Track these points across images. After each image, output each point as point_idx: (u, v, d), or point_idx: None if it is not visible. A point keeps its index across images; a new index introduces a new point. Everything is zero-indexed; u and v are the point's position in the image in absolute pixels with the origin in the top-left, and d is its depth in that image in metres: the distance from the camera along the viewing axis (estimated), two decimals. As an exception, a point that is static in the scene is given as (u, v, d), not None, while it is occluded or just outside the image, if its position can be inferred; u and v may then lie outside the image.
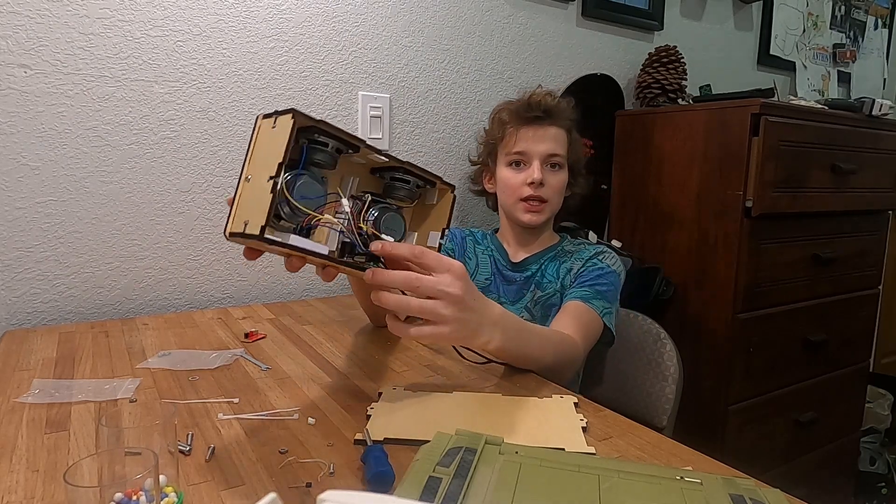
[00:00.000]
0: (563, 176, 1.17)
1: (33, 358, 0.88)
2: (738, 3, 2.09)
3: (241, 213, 0.61)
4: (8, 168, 1.05)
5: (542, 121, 1.14)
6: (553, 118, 1.15)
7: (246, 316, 1.15)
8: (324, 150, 0.64)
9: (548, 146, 1.13)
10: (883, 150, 1.64)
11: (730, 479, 0.52)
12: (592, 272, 1.10)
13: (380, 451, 0.56)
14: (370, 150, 0.67)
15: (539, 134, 1.14)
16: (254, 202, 0.59)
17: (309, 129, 0.62)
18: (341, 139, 0.64)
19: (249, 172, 0.63)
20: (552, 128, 1.15)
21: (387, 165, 0.72)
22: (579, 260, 1.14)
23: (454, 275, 0.65)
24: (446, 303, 0.64)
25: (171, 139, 1.18)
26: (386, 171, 0.73)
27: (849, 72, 2.51)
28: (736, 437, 1.48)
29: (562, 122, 1.16)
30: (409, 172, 0.72)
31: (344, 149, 0.65)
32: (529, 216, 1.14)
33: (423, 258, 0.64)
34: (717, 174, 1.43)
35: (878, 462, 2.12)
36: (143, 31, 1.13)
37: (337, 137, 0.64)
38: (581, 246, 1.19)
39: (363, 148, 0.66)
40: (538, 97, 1.15)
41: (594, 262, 1.12)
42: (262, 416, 0.69)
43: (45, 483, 0.54)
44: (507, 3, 1.57)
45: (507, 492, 0.49)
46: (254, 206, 0.58)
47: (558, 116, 1.15)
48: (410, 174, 0.72)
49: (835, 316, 1.65)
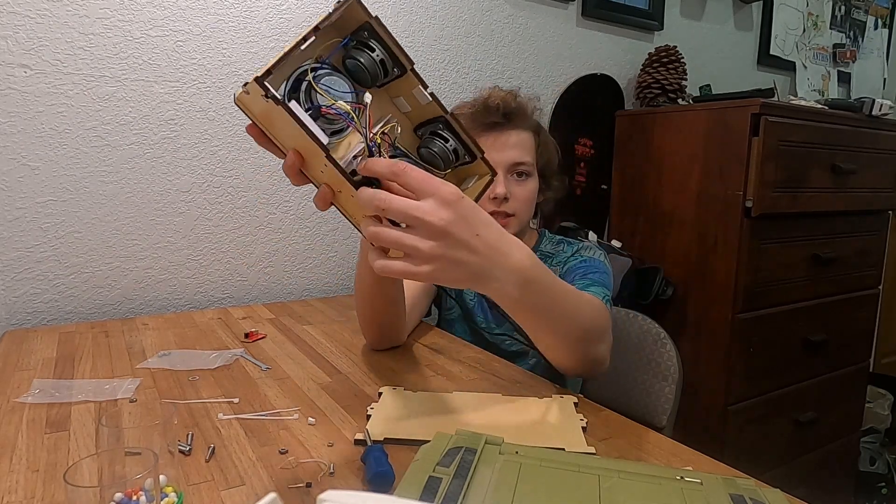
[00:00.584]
0: (532, 185, 1.05)
1: (33, 358, 0.88)
2: (738, 3, 2.09)
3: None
4: (8, 168, 1.05)
5: (503, 126, 1.02)
6: (515, 121, 1.03)
7: (246, 316, 1.15)
8: (368, 53, 0.56)
9: (511, 154, 1.02)
10: (883, 150, 1.64)
11: (730, 479, 0.52)
12: (578, 268, 1.02)
13: (380, 451, 0.56)
14: (417, 78, 0.58)
15: (501, 141, 1.02)
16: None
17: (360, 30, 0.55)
18: (390, 50, 0.56)
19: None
20: (514, 132, 1.03)
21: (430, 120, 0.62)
22: (560, 265, 1.06)
23: (439, 200, 0.52)
24: (423, 234, 0.52)
25: (171, 139, 1.18)
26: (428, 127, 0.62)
27: (849, 72, 2.51)
28: (736, 437, 1.48)
29: (526, 125, 1.05)
30: (452, 131, 0.61)
31: (389, 67, 0.57)
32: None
33: (403, 176, 0.52)
34: (717, 174, 1.43)
35: (878, 462, 2.12)
36: (143, 31, 1.13)
37: (386, 46, 0.56)
38: (560, 247, 1.11)
39: (410, 74, 0.58)
40: (496, 99, 1.02)
41: (576, 258, 1.05)
42: (262, 416, 0.69)
43: (45, 483, 0.54)
44: (507, 3, 1.57)
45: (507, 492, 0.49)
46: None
47: (521, 118, 1.03)
48: (454, 134, 0.61)
49: (835, 316, 1.65)
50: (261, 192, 1.29)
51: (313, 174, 0.55)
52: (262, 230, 1.31)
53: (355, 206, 0.54)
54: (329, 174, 0.53)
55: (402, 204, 0.51)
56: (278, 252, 1.33)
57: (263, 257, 1.32)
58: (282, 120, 0.51)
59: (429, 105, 0.60)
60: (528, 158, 1.04)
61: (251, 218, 1.29)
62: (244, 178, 1.27)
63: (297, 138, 0.52)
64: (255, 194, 1.29)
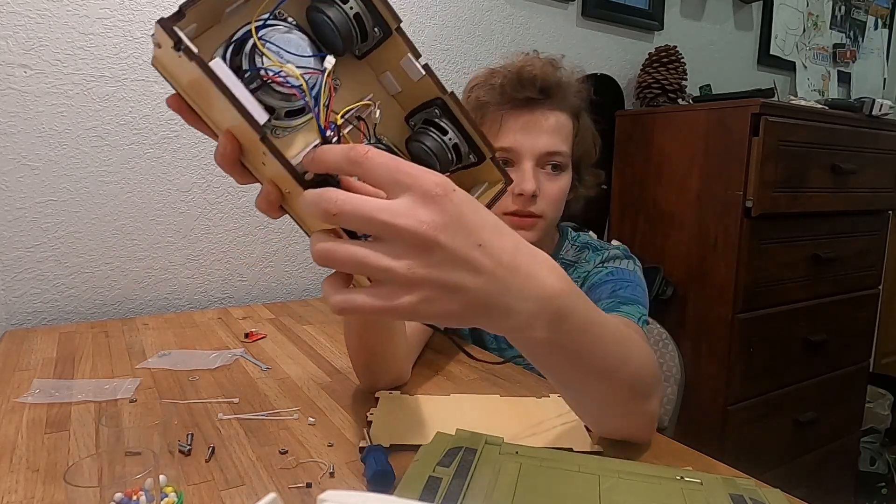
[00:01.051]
0: (565, 180, 0.87)
1: (33, 358, 0.88)
2: (738, 3, 2.09)
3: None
4: (8, 168, 1.05)
5: (539, 104, 0.83)
6: (554, 99, 0.83)
7: (246, 316, 1.15)
8: (339, 5, 0.41)
9: (546, 141, 0.83)
10: (883, 150, 1.64)
11: (730, 479, 0.52)
12: (605, 282, 0.85)
13: (380, 451, 0.56)
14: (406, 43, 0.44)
15: (533, 123, 0.83)
16: None
17: None
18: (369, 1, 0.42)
19: None
20: (552, 113, 0.83)
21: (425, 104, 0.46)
22: (580, 277, 0.90)
23: (419, 195, 0.36)
24: (397, 249, 0.36)
25: (171, 139, 1.18)
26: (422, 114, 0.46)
27: (849, 72, 2.51)
28: (736, 437, 1.48)
29: (566, 105, 0.85)
30: (453, 119, 0.45)
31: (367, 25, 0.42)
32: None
33: (365, 164, 0.36)
34: (717, 174, 1.43)
35: (878, 462, 2.12)
36: (143, 31, 1.13)
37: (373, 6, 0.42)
38: (583, 254, 0.94)
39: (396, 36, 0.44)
40: (534, 69, 0.83)
41: (600, 270, 0.88)
42: (262, 416, 0.69)
43: (45, 483, 0.54)
44: (507, 3, 1.57)
45: (507, 492, 0.49)
46: None
47: (562, 96, 0.84)
48: (454, 124, 0.45)
49: (835, 316, 1.65)
50: (261, 192, 1.29)
51: (255, 167, 0.41)
52: (262, 230, 1.31)
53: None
54: (273, 169, 0.39)
55: (363, 204, 0.35)
56: (278, 252, 1.33)
57: (263, 257, 1.32)
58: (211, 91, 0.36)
59: (422, 81, 0.44)
60: (564, 148, 0.85)
61: (251, 218, 1.29)
62: (244, 178, 1.27)
63: (230, 117, 0.37)
64: (255, 194, 1.28)
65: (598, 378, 0.50)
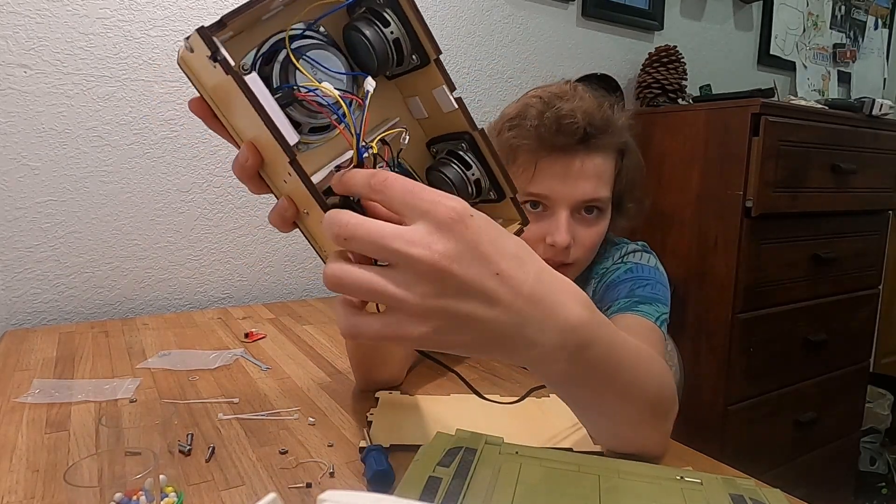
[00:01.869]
0: (603, 225, 0.81)
1: (33, 358, 0.88)
2: (738, 3, 2.09)
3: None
4: (8, 168, 1.05)
5: (580, 151, 0.76)
6: (597, 143, 0.76)
7: (246, 316, 1.15)
8: (378, 26, 0.40)
9: (585, 189, 0.76)
10: (883, 150, 1.64)
11: (730, 479, 0.52)
12: (624, 280, 0.82)
13: (379, 451, 0.56)
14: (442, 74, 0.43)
15: (572, 170, 0.75)
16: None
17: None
18: (411, 28, 0.41)
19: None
20: (594, 158, 0.76)
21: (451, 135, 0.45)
22: (598, 274, 0.88)
23: (433, 222, 0.35)
24: (410, 276, 0.35)
25: (171, 139, 1.18)
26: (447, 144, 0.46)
27: (849, 72, 2.51)
28: (736, 437, 1.48)
29: (611, 146, 0.78)
30: (479, 155, 0.44)
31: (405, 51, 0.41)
32: None
33: (384, 190, 0.36)
34: (717, 174, 1.43)
35: (878, 462, 2.12)
36: (143, 31, 1.13)
37: (408, 22, 0.40)
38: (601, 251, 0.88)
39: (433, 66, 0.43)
40: (578, 114, 0.74)
41: (619, 267, 0.85)
42: (262, 416, 0.69)
43: (45, 483, 0.54)
44: (507, 3, 1.57)
45: (508, 492, 0.49)
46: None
47: (606, 139, 0.77)
48: (480, 160, 0.45)
49: (835, 316, 1.65)
50: (261, 192, 1.29)
51: (274, 181, 0.41)
52: (262, 230, 1.31)
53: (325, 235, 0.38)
54: (293, 187, 0.39)
55: (376, 230, 0.34)
56: (278, 252, 1.33)
57: (263, 257, 1.32)
58: (238, 100, 0.36)
59: (452, 114, 0.44)
60: (604, 193, 0.78)
61: (251, 218, 1.29)
62: (244, 178, 1.27)
63: (255, 129, 0.38)
64: (254, 194, 1.28)
65: (617, 401, 0.49)
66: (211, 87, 0.39)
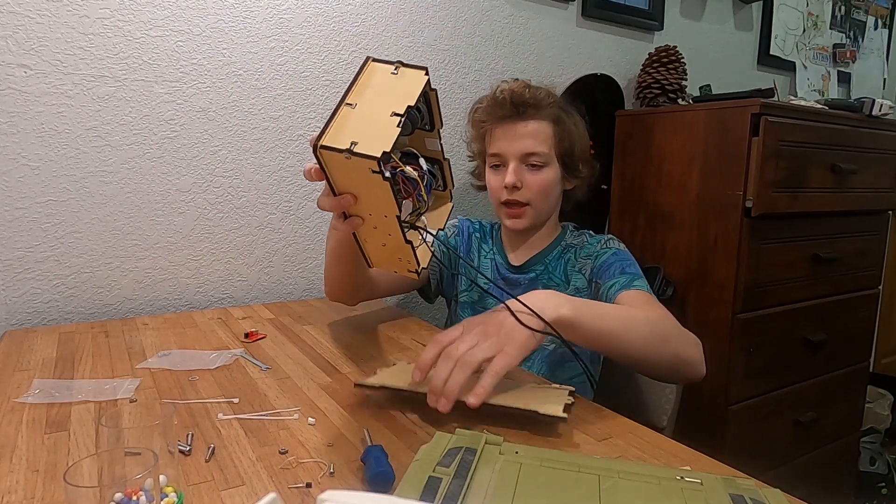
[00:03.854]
0: (547, 174, 1.06)
1: (33, 358, 0.88)
2: (738, 3, 2.09)
3: (343, 132, 0.59)
4: (8, 168, 1.05)
5: (517, 117, 1.04)
6: (529, 112, 1.04)
7: (246, 316, 1.15)
8: (416, 114, 0.66)
9: (522, 144, 1.03)
10: (883, 150, 1.64)
11: (730, 479, 0.52)
12: (612, 263, 1.02)
13: (380, 452, 0.56)
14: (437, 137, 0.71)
15: (512, 132, 1.04)
16: (364, 128, 0.59)
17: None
18: (432, 114, 0.68)
19: (353, 100, 0.61)
20: (531, 122, 1.04)
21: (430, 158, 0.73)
22: (588, 258, 1.08)
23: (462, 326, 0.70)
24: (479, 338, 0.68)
25: (171, 139, 1.18)
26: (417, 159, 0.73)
27: (849, 72, 2.51)
28: (736, 437, 1.48)
29: (542, 114, 1.05)
30: (443, 169, 0.74)
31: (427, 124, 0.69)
32: (511, 221, 1.08)
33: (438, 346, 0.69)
34: (717, 174, 1.43)
35: (878, 462, 2.12)
36: (143, 31, 1.13)
37: (432, 110, 0.67)
38: (583, 238, 1.12)
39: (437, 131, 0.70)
40: (507, 92, 1.05)
41: (606, 251, 1.05)
42: (262, 416, 0.69)
43: (45, 483, 0.54)
44: (508, 3, 1.57)
45: (507, 492, 0.49)
46: (366, 132, 0.58)
47: (536, 108, 1.04)
48: (441, 171, 0.74)
49: (835, 316, 1.65)
50: (261, 192, 1.29)
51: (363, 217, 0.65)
52: (262, 230, 1.31)
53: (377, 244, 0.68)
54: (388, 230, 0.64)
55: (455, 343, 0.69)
56: (278, 252, 1.33)
57: (263, 257, 1.32)
58: (355, 173, 0.59)
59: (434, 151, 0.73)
60: (540, 149, 1.04)
61: (251, 218, 1.29)
62: (244, 178, 1.27)
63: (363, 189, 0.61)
64: (255, 194, 1.29)
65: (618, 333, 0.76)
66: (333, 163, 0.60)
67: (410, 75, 0.63)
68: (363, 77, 0.63)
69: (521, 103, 1.03)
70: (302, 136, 1.32)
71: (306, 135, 1.32)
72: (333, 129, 0.59)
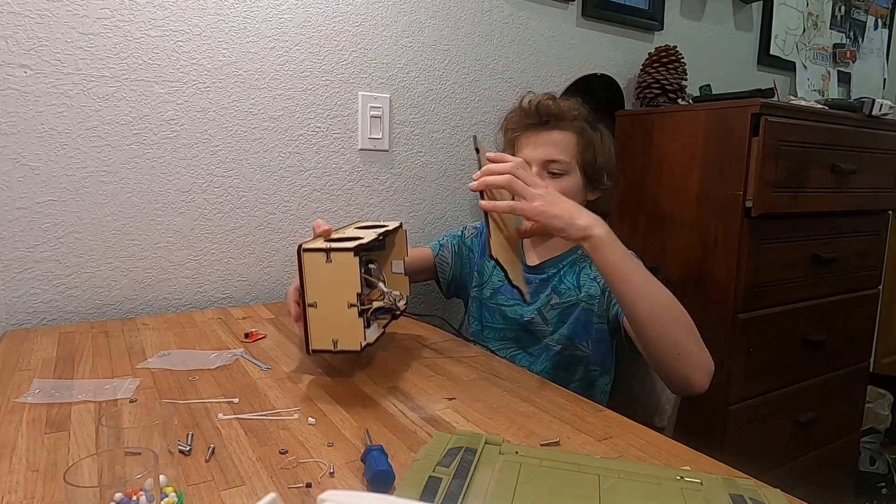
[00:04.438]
0: (567, 181, 1.10)
1: (33, 358, 0.88)
2: (738, 3, 2.09)
3: (321, 332, 0.74)
4: (8, 168, 1.05)
5: (542, 126, 1.11)
6: (554, 122, 1.11)
7: (246, 316, 1.15)
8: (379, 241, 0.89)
9: (544, 152, 1.09)
10: (883, 150, 1.63)
11: (730, 479, 0.52)
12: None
13: (380, 452, 0.56)
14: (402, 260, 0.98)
15: (537, 140, 1.11)
16: (334, 324, 0.73)
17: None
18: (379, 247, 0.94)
19: (312, 299, 0.73)
20: (554, 132, 1.10)
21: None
22: (581, 260, 1.11)
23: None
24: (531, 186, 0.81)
25: (171, 139, 1.18)
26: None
27: (849, 72, 2.51)
28: (736, 437, 1.48)
29: (566, 125, 1.11)
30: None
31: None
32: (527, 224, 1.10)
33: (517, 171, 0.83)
34: (717, 174, 1.43)
35: (878, 462, 2.12)
36: (143, 32, 1.13)
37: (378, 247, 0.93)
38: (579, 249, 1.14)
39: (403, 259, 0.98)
40: (534, 102, 1.13)
41: None
42: (262, 416, 0.69)
43: (45, 483, 0.54)
44: (507, 4, 1.57)
45: (507, 492, 0.49)
46: (337, 327, 0.73)
47: (561, 119, 1.11)
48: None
49: (835, 316, 1.65)
50: (261, 192, 1.29)
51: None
52: (262, 230, 1.31)
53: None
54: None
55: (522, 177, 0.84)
56: (278, 252, 1.33)
57: (263, 257, 1.32)
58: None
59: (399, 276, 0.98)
60: (561, 157, 1.09)
61: (251, 218, 1.29)
62: (244, 178, 1.27)
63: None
64: (255, 194, 1.29)
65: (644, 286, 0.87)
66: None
67: (341, 260, 0.72)
68: (306, 271, 0.73)
69: (546, 113, 1.10)
70: (302, 136, 1.32)
71: (306, 135, 1.33)
72: (313, 334, 0.74)
